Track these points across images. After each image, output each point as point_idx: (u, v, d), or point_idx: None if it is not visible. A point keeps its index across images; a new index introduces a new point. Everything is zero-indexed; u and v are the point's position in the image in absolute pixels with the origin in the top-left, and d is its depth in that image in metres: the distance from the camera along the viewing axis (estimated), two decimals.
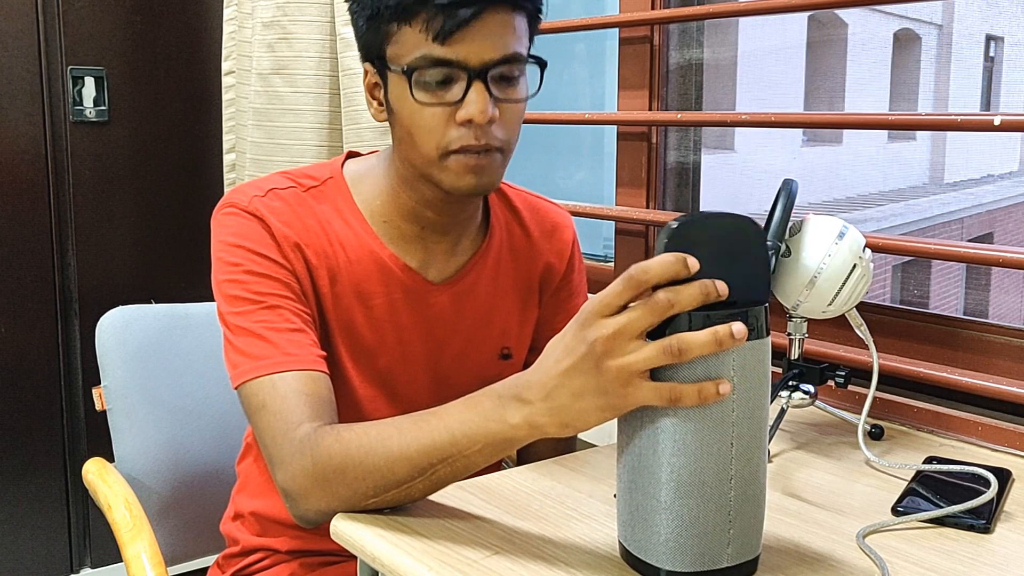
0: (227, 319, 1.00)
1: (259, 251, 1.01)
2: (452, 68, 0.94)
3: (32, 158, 2.15)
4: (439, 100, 0.95)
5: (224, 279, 1.01)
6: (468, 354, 1.13)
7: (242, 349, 0.97)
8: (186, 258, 2.37)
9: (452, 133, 0.96)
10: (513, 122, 0.99)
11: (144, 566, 1.09)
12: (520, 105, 1.00)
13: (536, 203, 1.21)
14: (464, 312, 1.12)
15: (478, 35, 0.93)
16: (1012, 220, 3.26)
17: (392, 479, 0.86)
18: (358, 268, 1.06)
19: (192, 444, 1.33)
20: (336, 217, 1.06)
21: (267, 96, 1.99)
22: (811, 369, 1.14)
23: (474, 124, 0.95)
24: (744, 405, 0.75)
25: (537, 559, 0.83)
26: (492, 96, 0.95)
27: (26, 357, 2.18)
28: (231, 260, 1.01)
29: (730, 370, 0.74)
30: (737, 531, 0.77)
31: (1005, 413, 1.19)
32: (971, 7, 2.69)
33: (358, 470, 0.87)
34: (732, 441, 0.75)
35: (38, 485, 2.22)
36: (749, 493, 0.77)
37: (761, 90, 2.38)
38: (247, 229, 1.02)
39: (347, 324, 1.06)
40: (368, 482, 0.87)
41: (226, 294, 1.00)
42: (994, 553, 0.87)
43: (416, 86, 0.95)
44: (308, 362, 0.96)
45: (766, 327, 0.76)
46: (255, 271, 1.00)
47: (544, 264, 1.19)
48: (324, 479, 0.88)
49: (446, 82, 0.95)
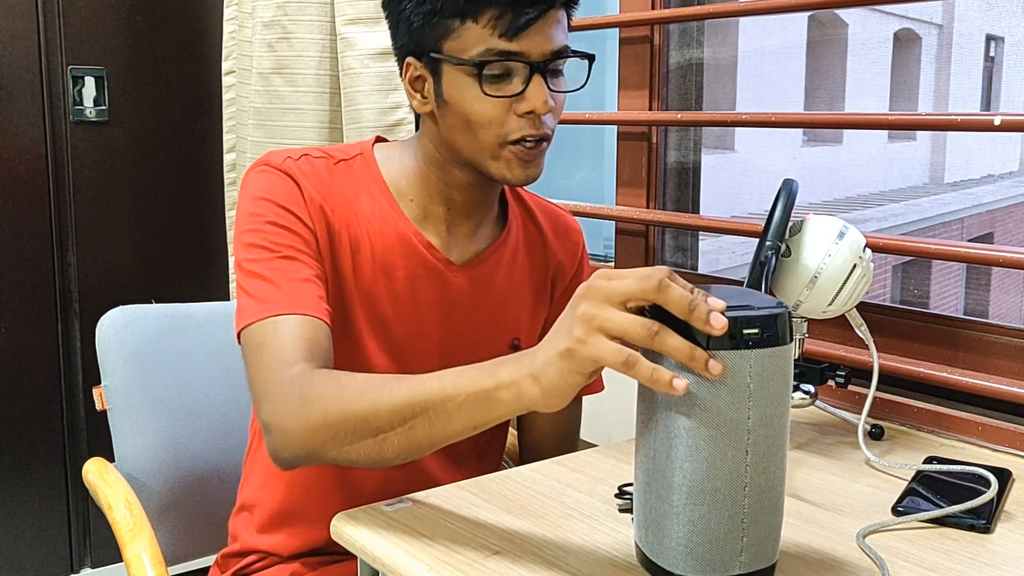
0: (242, 265, 1.02)
1: (284, 205, 1.03)
2: (516, 62, 0.99)
3: (32, 158, 2.15)
4: (502, 92, 0.99)
5: (245, 228, 1.03)
6: (480, 339, 1.14)
7: (251, 292, 0.99)
8: (186, 258, 2.37)
9: (512, 123, 1.00)
10: (559, 112, 1.05)
11: (144, 566, 1.09)
12: (565, 96, 1.06)
13: (548, 206, 1.24)
14: (480, 297, 1.13)
15: (540, 31, 0.98)
16: (1012, 220, 3.26)
17: (372, 425, 0.86)
18: (381, 242, 1.08)
19: (192, 444, 1.33)
20: (363, 192, 1.09)
21: (267, 96, 1.99)
22: (811, 369, 1.14)
23: (535, 115, 1.00)
24: (761, 412, 0.74)
25: (537, 559, 0.83)
26: (548, 88, 1.00)
27: (26, 357, 2.18)
28: (255, 211, 1.03)
29: (747, 376, 0.73)
30: (751, 539, 0.76)
31: (1005, 413, 1.19)
32: (971, 7, 2.69)
33: (343, 412, 0.87)
34: (747, 449, 0.74)
35: (38, 485, 2.22)
36: (765, 501, 0.76)
37: (761, 90, 2.38)
38: (277, 185, 1.04)
39: (368, 295, 1.08)
40: (348, 425, 0.87)
41: (245, 242, 1.02)
42: (994, 553, 0.87)
43: (484, 81, 0.99)
44: (312, 309, 0.98)
45: (789, 334, 0.75)
46: (277, 223, 1.02)
47: (556, 263, 1.21)
48: (307, 415, 0.89)
49: (506, 75, 1.00)
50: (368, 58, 1.86)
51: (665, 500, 0.75)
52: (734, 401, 0.73)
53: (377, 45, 1.86)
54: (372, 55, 1.86)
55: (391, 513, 0.92)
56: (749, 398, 0.73)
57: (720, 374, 0.71)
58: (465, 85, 1.00)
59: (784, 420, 0.76)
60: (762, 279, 1.06)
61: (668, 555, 0.76)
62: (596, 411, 1.31)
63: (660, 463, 0.76)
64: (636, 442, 0.80)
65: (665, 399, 0.75)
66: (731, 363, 0.72)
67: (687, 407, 0.73)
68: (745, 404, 0.73)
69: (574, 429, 1.26)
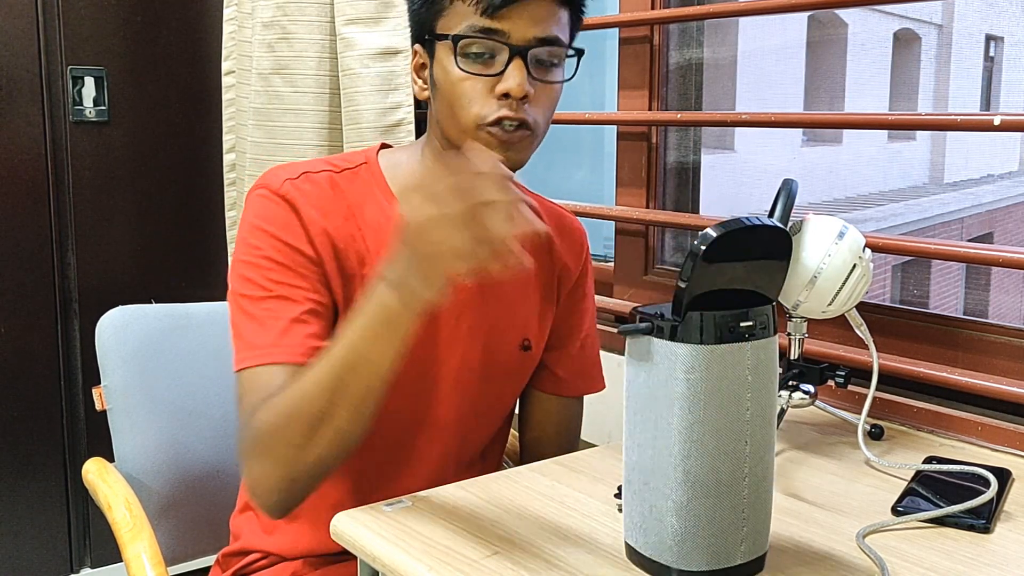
0: (238, 300, 1.03)
1: (282, 238, 1.03)
2: (495, 41, 0.99)
3: (32, 158, 2.15)
4: (480, 71, 1.00)
5: (243, 259, 1.04)
6: (491, 341, 1.14)
7: (242, 334, 1.01)
8: (186, 258, 2.37)
9: (491, 105, 1.00)
10: (547, 104, 1.04)
11: (144, 566, 1.09)
12: (555, 89, 1.04)
13: (552, 207, 1.24)
14: (489, 298, 1.13)
15: (523, 14, 0.99)
16: (1012, 220, 3.26)
17: (314, 412, 0.89)
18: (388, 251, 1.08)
19: (192, 444, 1.32)
20: (369, 201, 1.09)
21: (267, 96, 1.98)
22: (811, 369, 1.14)
23: (511, 98, 0.99)
24: (758, 404, 0.76)
25: (537, 559, 0.83)
26: (530, 75, 1.00)
27: (26, 357, 2.18)
28: (253, 242, 1.04)
29: (745, 369, 0.74)
30: (750, 529, 0.77)
31: (1005, 413, 1.19)
32: (971, 7, 2.69)
33: (285, 420, 0.91)
34: (747, 440, 0.76)
35: (38, 485, 2.22)
36: (760, 491, 0.78)
37: (761, 90, 2.38)
38: (274, 214, 1.04)
39: None
40: (295, 428, 0.90)
41: (241, 275, 1.03)
42: (994, 553, 0.87)
43: (461, 56, 1.00)
44: (295, 355, 0.98)
45: (774, 326, 0.77)
46: (274, 258, 1.02)
47: (562, 264, 1.21)
48: (260, 445, 0.93)
49: (489, 56, 1.00)
50: (368, 58, 1.86)
51: (668, 496, 0.76)
52: (734, 394, 0.74)
53: (377, 45, 1.86)
54: (372, 55, 1.86)
55: (391, 513, 0.92)
56: (748, 390, 0.74)
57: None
58: (448, 62, 1.01)
59: (774, 409, 0.78)
60: None
61: (669, 551, 0.77)
62: (596, 411, 1.31)
63: (661, 460, 0.76)
64: (627, 443, 0.80)
65: (665, 397, 0.75)
66: (730, 355, 0.73)
67: (688, 403, 0.74)
68: (745, 396, 0.74)
69: (575, 429, 1.26)
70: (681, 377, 0.74)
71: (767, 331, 0.76)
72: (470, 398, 1.13)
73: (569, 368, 1.22)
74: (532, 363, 1.19)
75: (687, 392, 0.74)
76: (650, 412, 0.76)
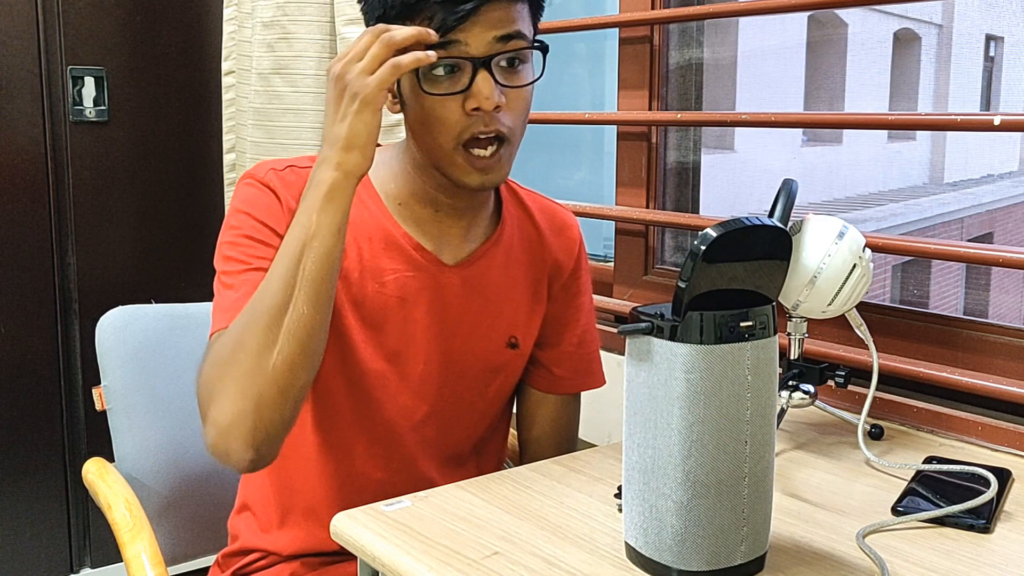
0: (219, 277, 1.04)
1: (263, 219, 1.05)
2: (455, 57, 0.97)
3: (32, 158, 2.15)
4: (446, 90, 0.98)
5: (225, 240, 1.05)
6: (476, 339, 1.14)
7: (219, 304, 1.02)
8: (186, 258, 2.37)
9: (463, 122, 0.99)
10: (520, 109, 1.02)
11: (144, 566, 1.09)
12: (526, 91, 1.02)
13: (545, 203, 1.23)
14: (474, 296, 1.13)
15: (478, 25, 0.96)
16: (1012, 220, 3.26)
17: (276, 304, 0.92)
18: (369, 246, 1.08)
19: (192, 444, 1.32)
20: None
21: (267, 96, 1.99)
22: (811, 369, 1.14)
23: (482, 111, 0.98)
24: (757, 403, 0.76)
25: (537, 559, 0.83)
26: (497, 83, 0.98)
27: (26, 357, 2.18)
28: (234, 224, 1.05)
29: (745, 369, 0.74)
30: (750, 529, 0.77)
31: (1005, 413, 1.19)
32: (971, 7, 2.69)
33: (243, 328, 0.93)
34: (747, 439, 0.76)
35: (38, 485, 2.22)
36: (760, 490, 0.78)
37: (761, 90, 2.38)
38: (257, 198, 1.06)
39: (358, 298, 1.08)
40: (255, 330, 0.92)
41: (223, 254, 1.05)
42: (994, 553, 0.87)
43: (424, 79, 0.98)
44: None
45: (773, 326, 0.77)
46: (254, 236, 1.04)
47: (553, 260, 1.20)
48: (218, 369, 0.95)
49: (454, 71, 0.98)
50: None
51: (668, 496, 0.76)
52: (734, 394, 0.75)
53: None
54: None
55: (391, 513, 0.92)
56: (748, 390, 0.74)
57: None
58: (414, 86, 1.00)
59: (773, 408, 0.78)
60: None
61: (670, 551, 0.77)
62: (596, 411, 1.31)
63: (661, 460, 0.76)
64: (626, 442, 0.80)
65: (665, 397, 0.75)
66: (731, 355, 0.73)
67: (688, 403, 0.74)
68: (744, 396, 0.75)
69: (573, 427, 1.26)
70: (681, 377, 0.74)
71: (767, 331, 0.76)
72: (449, 393, 1.13)
73: (566, 366, 1.22)
74: (521, 360, 1.19)
75: (687, 392, 0.74)
76: (650, 412, 0.76)
